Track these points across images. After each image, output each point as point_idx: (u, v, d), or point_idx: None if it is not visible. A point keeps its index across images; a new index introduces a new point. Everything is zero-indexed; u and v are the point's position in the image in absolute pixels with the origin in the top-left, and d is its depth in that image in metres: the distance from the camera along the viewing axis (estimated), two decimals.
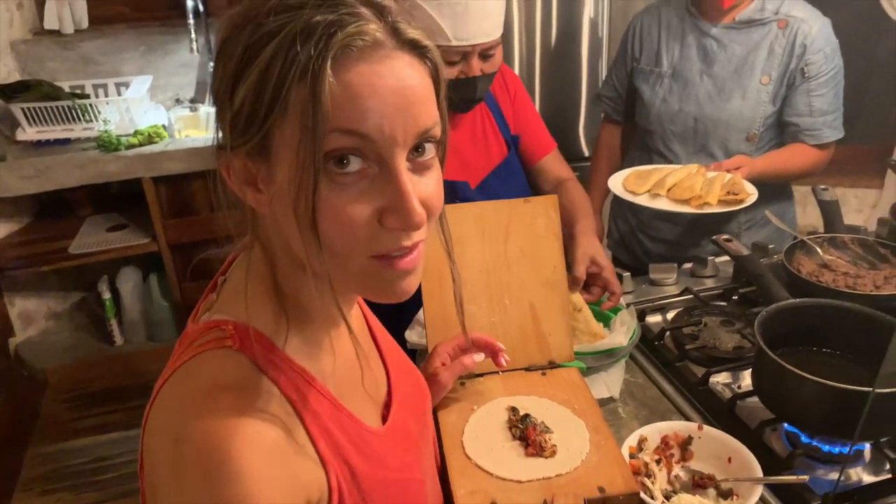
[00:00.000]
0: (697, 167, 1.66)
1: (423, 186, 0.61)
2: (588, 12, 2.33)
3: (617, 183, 1.70)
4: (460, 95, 1.42)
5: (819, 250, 1.51)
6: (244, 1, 0.60)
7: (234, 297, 0.67)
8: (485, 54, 1.40)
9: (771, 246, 1.68)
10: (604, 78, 2.13)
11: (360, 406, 0.72)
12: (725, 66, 1.75)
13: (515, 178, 1.61)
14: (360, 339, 0.77)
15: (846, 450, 1.06)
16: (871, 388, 0.88)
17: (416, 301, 1.03)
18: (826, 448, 1.06)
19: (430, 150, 0.61)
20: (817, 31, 1.69)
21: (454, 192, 1.47)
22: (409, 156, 0.59)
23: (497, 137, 1.58)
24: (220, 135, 0.61)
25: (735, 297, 1.52)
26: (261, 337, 0.64)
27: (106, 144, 2.62)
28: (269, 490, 0.56)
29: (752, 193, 1.56)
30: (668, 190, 1.61)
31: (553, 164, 1.65)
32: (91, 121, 2.72)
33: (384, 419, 0.77)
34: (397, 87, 0.57)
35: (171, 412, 0.61)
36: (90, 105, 2.71)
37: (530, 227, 1.25)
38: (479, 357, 1.08)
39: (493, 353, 1.10)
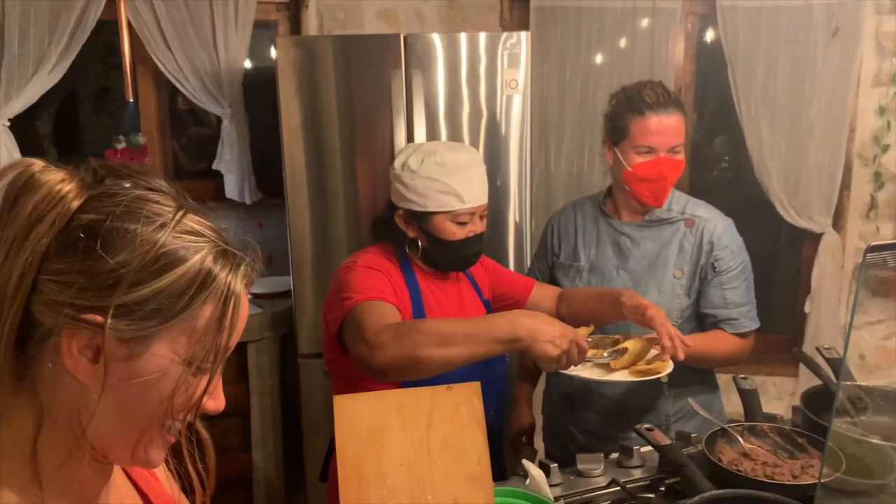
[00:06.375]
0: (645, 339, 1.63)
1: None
2: (513, 216, 2.54)
3: None
4: (472, 251, 1.66)
5: (740, 439, 1.53)
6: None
7: None
8: (482, 215, 1.66)
9: (694, 435, 1.68)
10: (527, 270, 2.23)
11: None
12: (640, 262, 1.86)
13: None
14: (123, 490, 0.77)
15: None
16: None
17: None
18: None
19: None
20: (721, 229, 1.83)
21: None
22: None
23: (476, 302, 1.78)
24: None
25: (662, 489, 1.50)
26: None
27: None
28: None
29: (670, 366, 1.55)
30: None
31: (543, 289, 1.88)
32: None
33: None
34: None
35: None
36: None
37: (453, 416, 1.24)
38: None
39: None
